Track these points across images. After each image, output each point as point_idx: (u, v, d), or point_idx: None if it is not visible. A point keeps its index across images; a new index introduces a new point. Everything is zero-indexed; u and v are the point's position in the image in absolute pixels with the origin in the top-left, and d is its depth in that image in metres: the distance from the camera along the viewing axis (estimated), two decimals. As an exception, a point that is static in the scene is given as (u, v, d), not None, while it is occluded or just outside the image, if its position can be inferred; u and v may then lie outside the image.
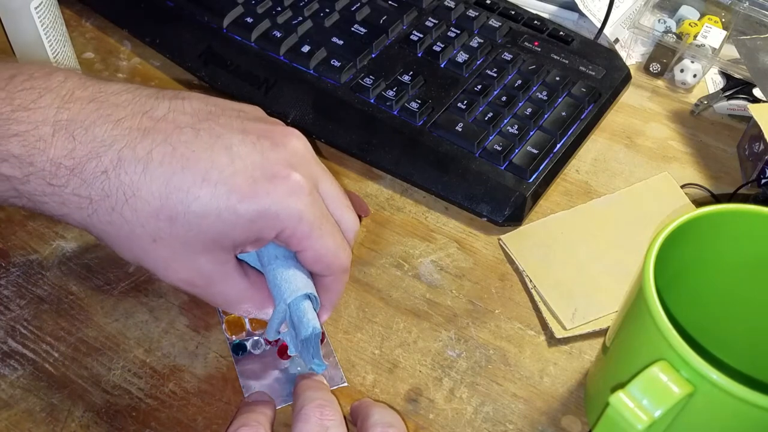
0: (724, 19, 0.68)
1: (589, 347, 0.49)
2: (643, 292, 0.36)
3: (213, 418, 0.45)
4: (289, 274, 0.41)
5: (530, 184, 0.55)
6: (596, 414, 0.41)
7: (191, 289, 0.40)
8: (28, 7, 0.51)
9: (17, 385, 0.45)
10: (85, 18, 0.68)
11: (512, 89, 0.59)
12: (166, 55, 0.64)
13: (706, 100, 0.64)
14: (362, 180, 0.58)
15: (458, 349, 0.49)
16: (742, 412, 0.34)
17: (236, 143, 0.38)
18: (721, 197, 0.57)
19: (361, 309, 0.50)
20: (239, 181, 0.37)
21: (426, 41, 0.62)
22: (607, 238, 0.54)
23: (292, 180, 0.38)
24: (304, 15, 0.63)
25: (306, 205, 0.38)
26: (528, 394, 0.47)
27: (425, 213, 0.56)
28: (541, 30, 0.65)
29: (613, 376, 0.41)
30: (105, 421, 0.44)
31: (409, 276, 0.52)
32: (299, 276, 0.42)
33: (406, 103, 0.58)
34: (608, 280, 0.51)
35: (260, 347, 0.47)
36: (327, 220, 0.40)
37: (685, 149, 0.62)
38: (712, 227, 0.41)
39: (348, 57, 0.60)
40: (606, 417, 0.35)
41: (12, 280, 0.50)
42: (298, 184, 0.38)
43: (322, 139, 0.59)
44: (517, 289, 0.52)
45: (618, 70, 0.63)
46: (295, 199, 0.38)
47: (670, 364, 0.35)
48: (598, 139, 0.62)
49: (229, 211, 0.37)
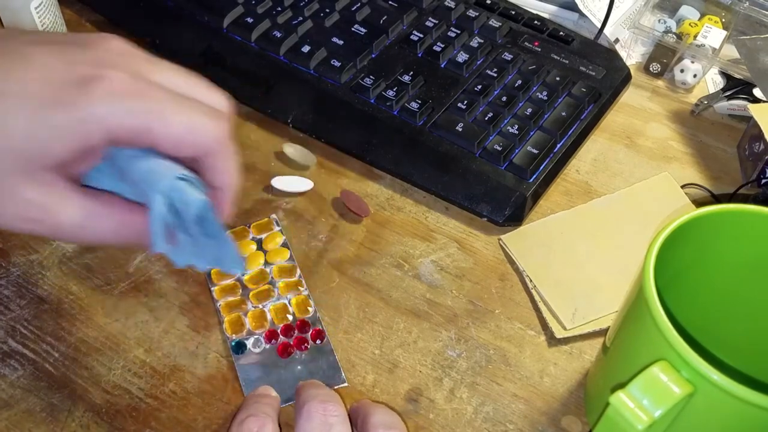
0: (724, 19, 0.68)
1: (589, 347, 0.49)
2: (643, 292, 0.36)
3: (213, 418, 0.45)
4: (152, 165, 0.35)
5: (530, 184, 0.55)
6: (596, 414, 0.41)
7: (34, 228, 0.35)
8: (28, 7, 0.51)
9: (17, 385, 0.45)
10: (85, 18, 0.68)
11: (512, 89, 0.59)
12: (166, 55, 0.64)
13: (706, 100, 0.64)
14: (362, 180, 0.58)
15: (458, 349, 0.49)
16: (742, 412, 0.34)
17: (37, 53, 0.34)
18: (721, 197, 0.57)
19: (361, 309, 0.50)
20: (42, 89, 0.32)
21: (426, 41, 0.62)
22: (607, 238, 0.54)
23: (108, 78, 0.33)
24: (304, 15, 0.63)
25: (133, 98, 0.34)
26: (528, 394, 0.47)
27: (425, 213, 0.56)
28: (541, 30, 0.65)
29: (613, 376, 0.41)
30: (105, 421, 0.44)
31: (409, 276, 0.52)
32: (165, 163, 0.36)
33: (406, 103, 0.58)
34: (608, 280, 0.51)
35: (260, 345, 0.47)
36: (171, 101, 0.35)
37: (685, 149, 0.62)
38: (712, 227, 0.41)
39: (348, 57, 0.60)
40: (606, 417, 0.35)
41: (12, 280, 0.50)
42: (116, 79, 0.33)
43: (322, 139, 0.59)
44: (517, 289, 0.52)
45: (618, 70, 0.63)
46: (115, 97, 0.33)
47: (670, 364, 0.35)
48: (598, 139, 0.62)
49: (36, 125, 0.32)
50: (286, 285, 0.50)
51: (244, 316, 0.49)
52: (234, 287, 0.50)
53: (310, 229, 0.54)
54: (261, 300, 0.50)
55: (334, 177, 0.58)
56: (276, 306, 0.49)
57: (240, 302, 0.49)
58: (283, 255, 0.52)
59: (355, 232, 0.54)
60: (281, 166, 0.58)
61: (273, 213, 0.55)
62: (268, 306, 0.49)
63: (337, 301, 0.50)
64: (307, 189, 0.56)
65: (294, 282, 0.51)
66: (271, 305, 0.49)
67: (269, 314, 0.49)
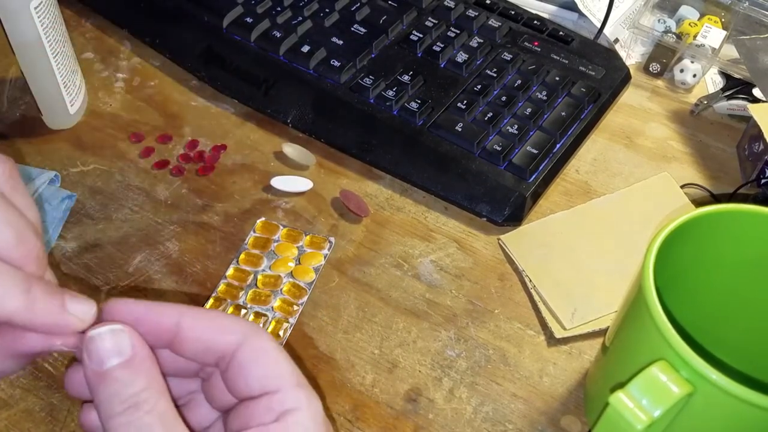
0: (724, 19, 0.68)
1: (589, 347, 0.49)
2: (643, 292, 0.36)
3: (213, 417, 0.45)
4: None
5: (530, 184, 0.55)
6: (596, 414, 0.41)
7: None
8: (28, 7, 0.51)
9: (17, 385, 0.45)
10: (85, 18, 0.68)
11: (512, 89, 0.59)
12: (166, 55, 0.64)
13: (706, 100, 0.64)
14: (362, 180, 0.58)
15: (458, 349, 0.49)
16: (741, 412, 0.34)
17: None
18: (721, 197, 0.57)
19: (361, 309, 0.50)
20: None
21: (426, 41, 0.62)
22: (607, 238, 0.54)
23: None
24: (303, 15, 0.63)
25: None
26: (527, 394, 0.47)
27: (425, 213, 0.56)
28: (541, 30, 0.65)
29: (612, 376, 0.41)
30: (105, 421, 0.44)
31: (409, 276, 0.52)
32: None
33: (406, 103, 0.58)
34: (608, 280, 0.51)
35: None
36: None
37: (685, 149, 0.62)
38: (712, 227, 0.41)
39: (348, 57, 0.60)
40: (605, 417, 0.35)
41: (12, 280, 0.50)
42: None
43: (321, 139, 0.59)
44: (516, 289, 0.52)
45: (618, 70, 0.63)
46: None
47: (669, 364, 0.35)
48: (598, 139, 0.62)
49: None
50: (283, 303, 0.50)
51: (228, 304, 0.49)
52: (246, 275, 0.51)
53: (309, 229, 0.54)
54: (254, 300, 0.50)
55: (333, 177, 0.58)
56: (257, 314, 0.49)
57: (237, 290, 0.50)
58: (308, 276, 0.51)
59: (355, 232, 0.54)
60: (281, 166, 0.58)
61: (273, 213, 0.55)
62: (254, 309, 0.49)
63: (337, 300, 0.50)
64: (307, 189, 0.56)
65: (290, 305, 0.50)
66: (256, 310, 0.49)
67: (247, 316, 0.49)
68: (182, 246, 0.53)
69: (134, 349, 0.28)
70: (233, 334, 0.29)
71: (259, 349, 0.29)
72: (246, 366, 0.29)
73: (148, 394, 0.27)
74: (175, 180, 0.57)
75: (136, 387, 0.27)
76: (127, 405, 0.27)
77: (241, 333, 0.29)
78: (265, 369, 0.29)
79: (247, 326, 0.30)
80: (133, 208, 0.55)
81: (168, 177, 0.57)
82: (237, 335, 0.29)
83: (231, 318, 0.30)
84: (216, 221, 0.54)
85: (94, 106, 0.62)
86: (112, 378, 0.27)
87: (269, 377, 0.29)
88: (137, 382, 0.27)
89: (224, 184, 0.57)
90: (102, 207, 0.55)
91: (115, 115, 0.61)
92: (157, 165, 0.57)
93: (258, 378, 0.29)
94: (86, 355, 0.28)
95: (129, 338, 0.28)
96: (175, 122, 0.61)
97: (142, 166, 0.57)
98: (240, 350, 0.29)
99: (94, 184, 0.56)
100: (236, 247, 0.53)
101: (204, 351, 0.29)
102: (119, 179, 0.57)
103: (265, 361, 0.29)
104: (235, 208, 0.55)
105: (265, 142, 0.60)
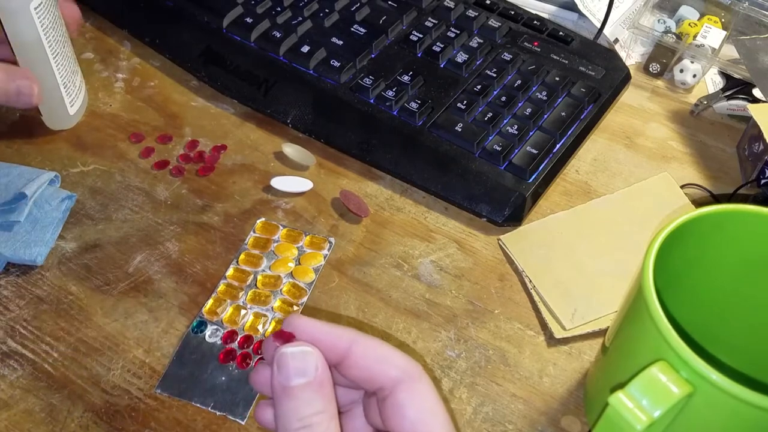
0: (724, 19, 0.68)
1: (589, 347, 0.49)
2: (643, 292, 0.36)
3: (213, 418, 0.45)
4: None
5: (530, 185, 0.55)
6: (596, 414, 0.41)
7: None
8: (28, 8, 0.51)
9: (17, 386, 0.45)
10: (85, 18, 0.68)
11: (512, 89, 0.59)
12: (166, 55, 0.64)
13: (706, 100, 0.64)
14: (362, 180, 0.58)
15: (458, 350, 0.49)
16: (741, 413, 0.34)
17: None
18: (721, 197, 0.57)
19: (361, 309, 0.50)
20: None
21: (426, 41, 0.62)
22: (607, 239, 0.54)
23: None
24: (303, 15, 0.63)
25: None
26: (527, 394, 0.47)
27: (425, 213, 0.56)
28: (541, 30, 0.65)
29: (612, 377, 0.41)
30: (104, 421, 0.44)
31: (409, 276, 0.52)
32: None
33: (406, 103, 0.58)
34: (608, 280, 0.51)
35: (214, 338, 0.48)
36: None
37: (685, 149, 0.62)
38: (712, 227, 0.41)
39: (348, 57, 0.60)
40: (605, 417, 0.35)
41: (11, 280, 0.50)
42: None
43: (321, 139, 0.59)
44: (516, 289, 0.52)
45: (618, 71, 0.63)
46: None
47: (669, 365, 0.35)
48: (598, 139, 0.62)
49: None
50: (283, 303, 0.50)
51: (228, 304, 0.49)
52: (246, 276, 0.51)
53: (309, 229, 0.54)
54: (253, 300, 0.50)
55: (333, 177, 0.58)
56: (257, 314, 0.49)
57: (237, 290, 0.50)
58: (308, 276, 0.51)
59: (355, 233, 0.54)
60: (281, 166, 0.58)
61: (273, 213, 0.55)
62: (253, 310, 0.49)
63: (337, 301, 0.50)
64: (307, 189, 0.56)
65: (290, 305, 0.50)
66: (255, 310, 0.49)
67: (246, 316, 0.49)
68: (182, 246, 0.53)
69: (318, 372, 0.30)
70: (397, 369, 0.31)
71: (419, 393, 0.31)
72: (403, 406, 0.31)
73: (321, 418, 0.30)
74: (175, 180, 0.57)
75: (314, 408, 0.30)
76: (302, 424, 0.29)
77: (403, 370, 0.31)
78: (421, 414, 0.31)
79: (411, 365, 0.31)
80: (133, 208, 0.55)
81: (168, 177, 0.57)
82: (399, 371, 0.31)
83: (398, 353, 0.32)
84: (216, 221, 0.54)
85: (94, 107, 0.62)
86: (294, 395, 0.30)
87: (424, 423, 0.30)
88: (315, 404, 0.30)
89: (224, 184, 0.57)
90: (102, 207, 0.55)
91: (115, 116, 0.61)
92: (157, 165, 0.57)
93: (412, 422, 0.30)
94: (276, 366, 0.30)
95: (315, 362, 0.30)
96: (175, 122, 0.61)
97: (142, 167, 0.57)
98: (400, 388, 0.31)
99: (94, 184, 0.56)
100: (236, 247, 0.53)
101: (366, 379, 0.31)
102: (119, 179, 0.57)
103: (422, 407, 0.31)
104: (235, 208, 0.55)
105: (265, 143, 0.60)
